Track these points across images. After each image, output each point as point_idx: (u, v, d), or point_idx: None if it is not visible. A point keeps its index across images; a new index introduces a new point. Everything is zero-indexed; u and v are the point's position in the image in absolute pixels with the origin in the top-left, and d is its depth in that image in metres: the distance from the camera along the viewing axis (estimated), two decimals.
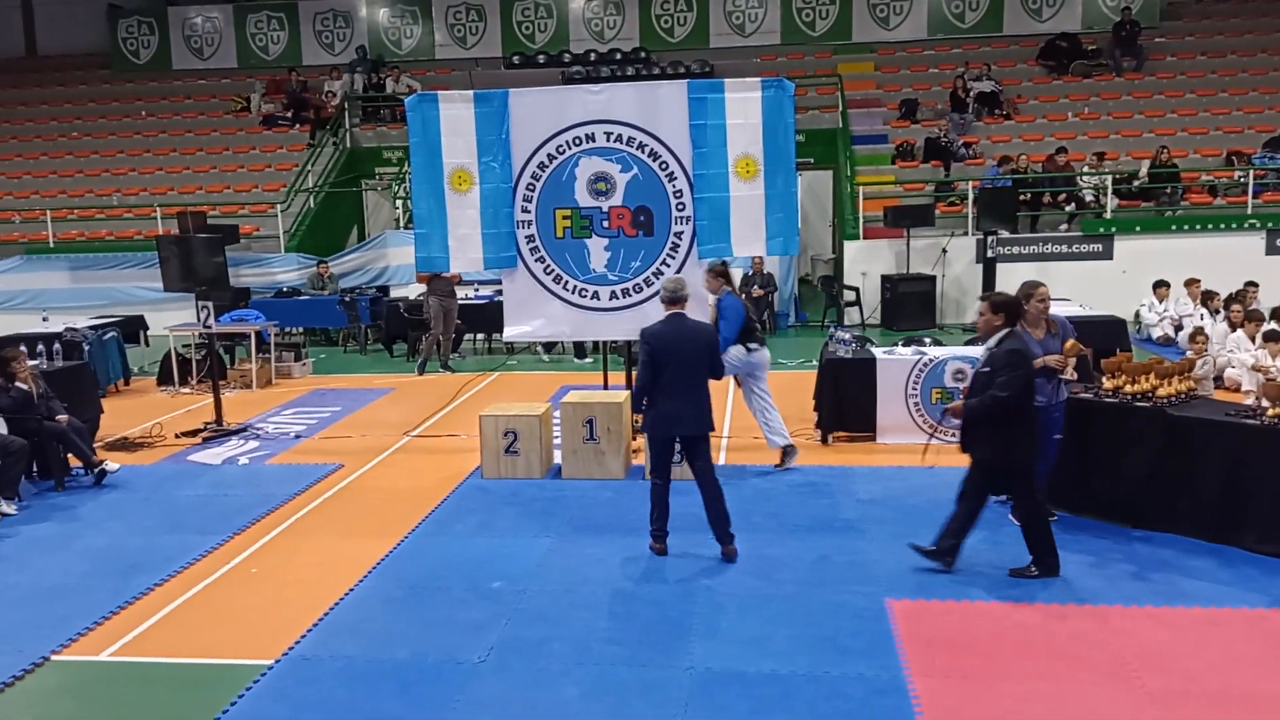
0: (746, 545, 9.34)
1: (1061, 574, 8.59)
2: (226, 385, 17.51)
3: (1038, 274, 22.08)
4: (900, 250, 23.15)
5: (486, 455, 11.92)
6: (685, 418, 9.14)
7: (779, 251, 12.82)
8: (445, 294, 18.92)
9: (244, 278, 23.28)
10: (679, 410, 9.09)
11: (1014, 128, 26.95)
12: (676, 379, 9.06)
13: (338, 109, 29.63)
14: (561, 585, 8.68)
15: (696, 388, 9.16)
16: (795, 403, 14.54)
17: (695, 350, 9.12)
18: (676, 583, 8.68)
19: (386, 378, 18.56)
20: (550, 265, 12.65)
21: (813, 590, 8.47)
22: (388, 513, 10.77)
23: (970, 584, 8.49)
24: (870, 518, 10.20)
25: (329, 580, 8.95)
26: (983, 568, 8.81)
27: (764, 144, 12.15)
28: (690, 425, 9.16)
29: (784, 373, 17.92)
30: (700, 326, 9.52)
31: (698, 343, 9.20)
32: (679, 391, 9.07)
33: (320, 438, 14.17)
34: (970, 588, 8.41)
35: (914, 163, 26.04)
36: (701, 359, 9.15)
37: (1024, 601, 8.12)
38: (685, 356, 9.07)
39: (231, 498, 11.45)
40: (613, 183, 12.43)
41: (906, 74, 29.67)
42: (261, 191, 27.71)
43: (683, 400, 9.09)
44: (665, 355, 9.04)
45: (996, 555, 9.06)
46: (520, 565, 9.13)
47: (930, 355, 12.90)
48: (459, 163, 12.54)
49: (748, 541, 9.44)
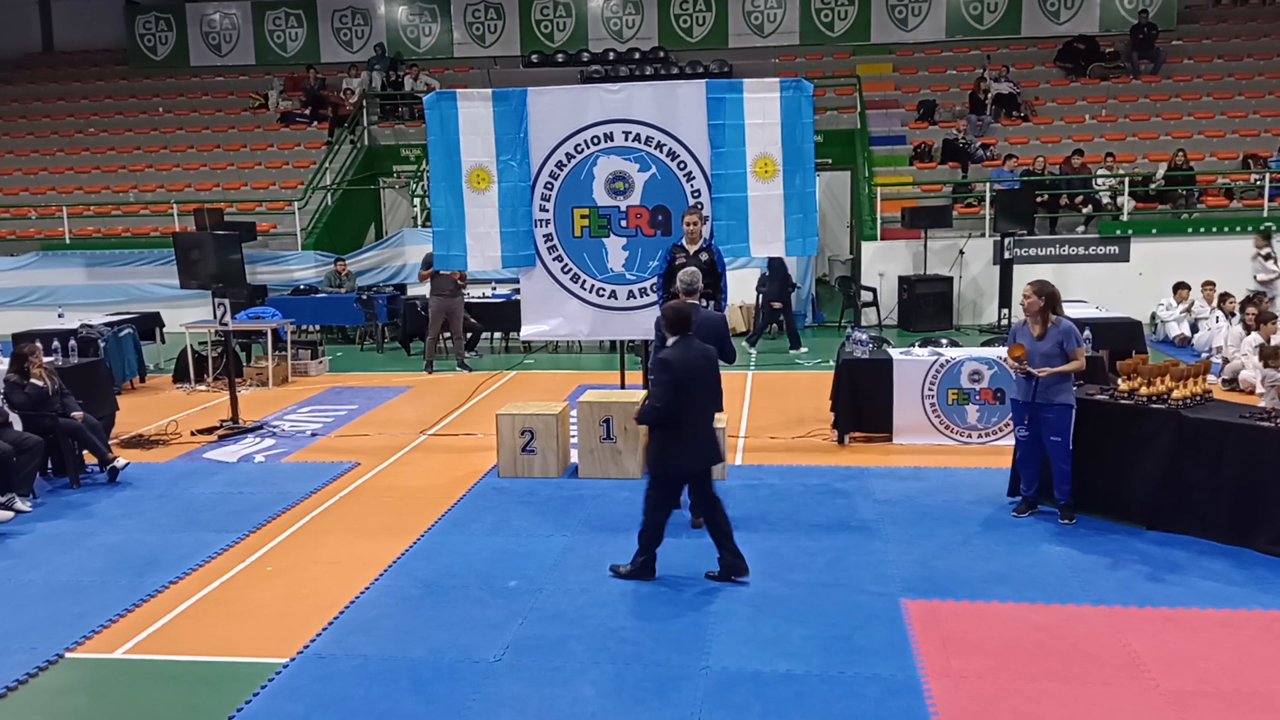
0: (763, 545, 9.37)
1: (1076, 574, 8.61)
2: (242, 383, 17.58)
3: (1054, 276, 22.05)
4: (918, 251, 23.13)
5: (503, 454, 11.94)
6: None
7: (797, 252, 12.84)
8: (447, 293, 18.66)
9: (261, 275, 23.36)
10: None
11: (1032, 129, 26.91)
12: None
13: (356, 106, 29.71)
14: (578, 584, 8.71)
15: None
16: (812, 403, 14.57)
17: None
18: (693, 582, 8.69)
19: (403, 376, 18.60)
20: (568, 264, 12.69)
21: (829, 590, 8.48)
22: (404, 511, 10.81)
23: (986, 584, 8.49)
24: (886, 518, 10.20)
25: (344, 578, 8.99)
26: (998, 569, 8.82)
27: (782, 144, 12.19)
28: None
29: (801, 373, 17.94)
30: (712, 317, 9.80)
31: (710, 333, 9.30)
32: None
33: (336, 436, 14.21)
34: (986, 588, 8.42)
35: (932, 164, 26.01)
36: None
37: (1039, 602, 8.12)
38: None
39: (247, 495, 11.49)
40: (631, 182, 12.47)
41: (925, 75, 29.63)
42: (279, 189, 27.79)
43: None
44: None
45: (1012, 557, 9.06)
46: (537, 564, 9.16)
47: (947, 356, 12.89)
48: (477, 161, 12.60)
49: (764, 541, 9.47)
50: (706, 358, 8.69)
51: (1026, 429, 9.95)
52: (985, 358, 12.76)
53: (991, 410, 12.71)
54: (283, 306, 20.57)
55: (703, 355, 8.64)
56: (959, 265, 23.01)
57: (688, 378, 8.42)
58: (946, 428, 12.78)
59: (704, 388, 8.63)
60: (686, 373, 8.42)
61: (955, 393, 12.75)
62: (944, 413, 12.78)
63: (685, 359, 8.47)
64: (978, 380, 12.65)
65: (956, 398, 12.74)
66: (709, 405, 8.73)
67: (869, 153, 26.23)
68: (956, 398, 12.74)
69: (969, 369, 12.72)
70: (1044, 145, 25.85)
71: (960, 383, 12.73)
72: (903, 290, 22.73)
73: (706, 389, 8.68)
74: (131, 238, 26.50)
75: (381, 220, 29.39)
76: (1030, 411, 9.85)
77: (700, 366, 8.58)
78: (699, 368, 8.55)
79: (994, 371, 12.59)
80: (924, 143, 26.48)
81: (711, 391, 8.79)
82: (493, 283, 21.95)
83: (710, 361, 8.76)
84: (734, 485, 11.25)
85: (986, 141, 26.29)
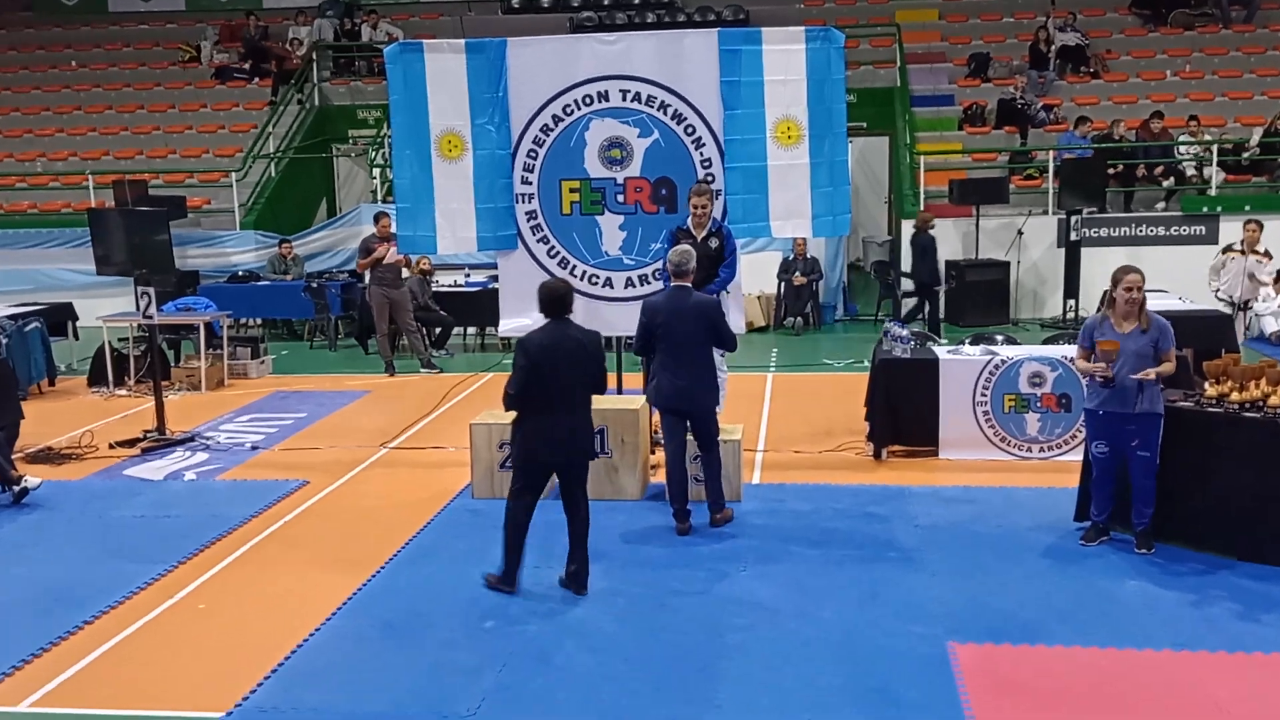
0: (785, 579, 9.39)
1: (1155, 613, 8.61)
2: (170, 386, 17.59)
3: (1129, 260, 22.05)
4: (968, 231, 23.15)
5: (478, 471, 11.95)
6: (690, 392, 10.53)
7: (826, 232, 12.85)
8: (388, 282, 18.72)
9: (192, 259, 23.39)
10: (680, 386, 10.47)
11: (1102, 88, 26.93)
12: (679, 356, 10.43)
13: (304, 60, 29.73)
14: (566, 624, 8.71)
15: (698, 364, 10.54)
16: (844, 410, 14.57)
17: (695, 324, 10.44)
18: (701, 621, 8.70)
19: (360, 378, 18.62)
20: (555, 246, 12.70)
21: (862, 632, 8.48)
22: (362, 538, 10.81)
23: (1048, 625, 8.49)
24: (931, 547, 10.20)
25: (292, 617, 8.98)
26: (1063, 606, 8.82)
27: (808, 105, 12.19)
28: (697, 400, 10.59)
29: (831, 375, 17.96)
30: (704, 301, 10.74)
31: (699, 317, 10.49)
32: (682, 369, 10.48)
33: (281, 449, 14.23)
34: (1048, 630, 8.41)
35: (985, 128, 26.03)
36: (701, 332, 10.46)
37: (1110, 647, 8.12)
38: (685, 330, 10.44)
39: (176, 519, 11.48)
40: (629, 150, 12.48)
41: (976, 24, 29.67)
42: (213, 157, 27.82)
43: (685, 377, 10.49)
44: (663, 329, 10.35)
45: (1079, 593, 9.07)
46: (519, 601, 9.16)
47: (1003, 356, 12.90)
48: (448, 125, 12.60)
49: (787, 575, 9.49)
50: (581, 344, 9.24)
51: (1106, 443, 9.92)
52: (1048, 357, 12.77)
53: (1055, 419, 12.72)
54: (218, 296, 20.55)
55: (577, 341, 9.22)
56: (1017, 248, 23.05)
57: (548, 362, 9.00)
58: (1002, 440, 12.79)
59: (573, 374, 9.13)
60: (545, 355, 9.00)
61: (1013, 399, 12.76)
62: (999, 422, 12.79)
63: (547, 343, 9.09)
64: (1039, 384, 12.66)
65: (1014, 405, 12.75)
66: (577, 392, 9.22)
67: (911, 115, 26.25)
68: (1014, 405, 12.75)
69: (1029, 371, 12.73)
70: (1117, 107, 25.88)
71: (1019, 387, 12.74)
72: (951, 277, 22.76)
73: (576, 375, 9.16)
74: (39, 215, 26.53)
75: (335, 195, 29.43)
76: (1110, 423, 9.80)
77: (568, 350, 9.12)
78: (566, 351, 9.10)
79: (1058, 374, 12.60)
80: (975, 103, 26.50)
81: (584, 379, 9.27)
82: (465, 269, 21.97)
83: (586, 348, 9.28)
84: (750, 508, 11.27)
85: (1049, 102, 26.31)
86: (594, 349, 9.39)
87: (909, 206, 24.16)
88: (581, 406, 9.26)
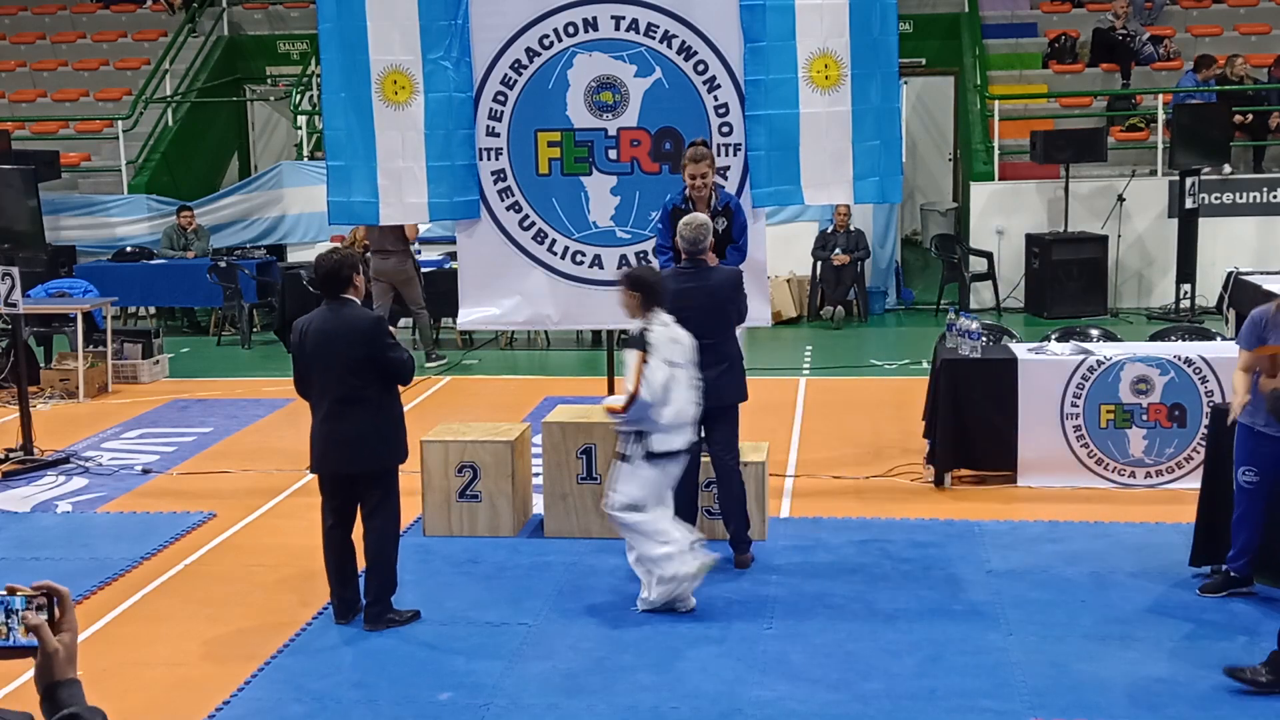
0: (822, 640, 9.39)
1: None
2: (39, 392, 17.61)
3: (1258, 233, 22.13)
4: (1055, 197, 23.13)
5: (431, 501, 11.96)
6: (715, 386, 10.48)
7: (873, 199, 12.86)
8: (387, 249, 19.12)
9: (67, 231, 23.41)
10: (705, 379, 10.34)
11: (1225, 13, 26.94)
12: (703, 350, 10.28)
13: None
14: (544, 697, 8.72)
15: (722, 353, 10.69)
16: (897, 424, 14.59)
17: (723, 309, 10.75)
18: (715, 693, 8.69)
19: (280, 383, 18.58)
20: (530, 216, 12.67)
21: (922, 706, 8.49)
22: (281, 587, 10.83)
23: (1155, 699, 8.49)
24: (1007, 599, 10.21)
25: (191, 689, 8.99)
26: (1174, 675, 8.82)
27: (851, 37, 12.18)
28: (725, 394, 10.71)
29: (880, 379, 17.97)
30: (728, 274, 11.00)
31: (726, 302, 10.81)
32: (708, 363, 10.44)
33: (180, 473, 14.25)
34: (1155, 704, 8.42)
35: (1076, 66, 26.05)
36: None
37: None
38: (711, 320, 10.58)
39: (45, 562, 11.49)
40: (624, 92, 12.45)
41: None
42: (94, 101, 27.82)
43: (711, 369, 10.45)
44: (309, 350, 9.66)
45: (1196, 659, 9.06)
46: (482, 667, 9.17)
47: (1099, 355, 12.90)
48: (393, 61, 12.56)
49: (824, 635, 9.49)
50: (354, 331, 9.46)
51: (1257, 470, 9.81)
52: (1157, 358, 12.76)
53: (1166, 437, 12.72)
54: (100, 278, 20.58)
55: (350, 329, 9.45)
56: (1117, 218, 23.04)
57: (309, 350, 9.48)
58: (1098, 462, 12.80)
59: (341, 368, 9.45)
60: (313, 343, 9.46)
61: (1112, 410, 12.76)
62: (1094, 440, 12.80)
63: (308, 327, 9.52)
64: (1146, 391, 12.66)
65: (1114, 417, 12.76)
66: (339, 389, 9.51)
67: (982, 49, 26.24)
68: (1114, 417, 12.76)
69: (1132, 375, 12.73)
70: (1244, 40, 25.89)
71: (1119, 395, 12.74)
72: (1032, 256, 22.80)
73: (345, 370, 9.46)
74: None
75: (249, 149, 29.49)
76: (1270, 446, 9.69)
77: (334, 337, 9.45)
78: (330, 338, 9.46)
79: (1169, 379, 12.59)
80: (1064, 34, 26.52)
81: (347, 374, 9.48)
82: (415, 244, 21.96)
83: (358, 334, 9.47)
84: (779, 547, 11.29)
85: (1158, 33, 26.29)
86: (371, 341, 9.54)
87: (980, 166, 24.17)
88: (347, 409, 9.51)
